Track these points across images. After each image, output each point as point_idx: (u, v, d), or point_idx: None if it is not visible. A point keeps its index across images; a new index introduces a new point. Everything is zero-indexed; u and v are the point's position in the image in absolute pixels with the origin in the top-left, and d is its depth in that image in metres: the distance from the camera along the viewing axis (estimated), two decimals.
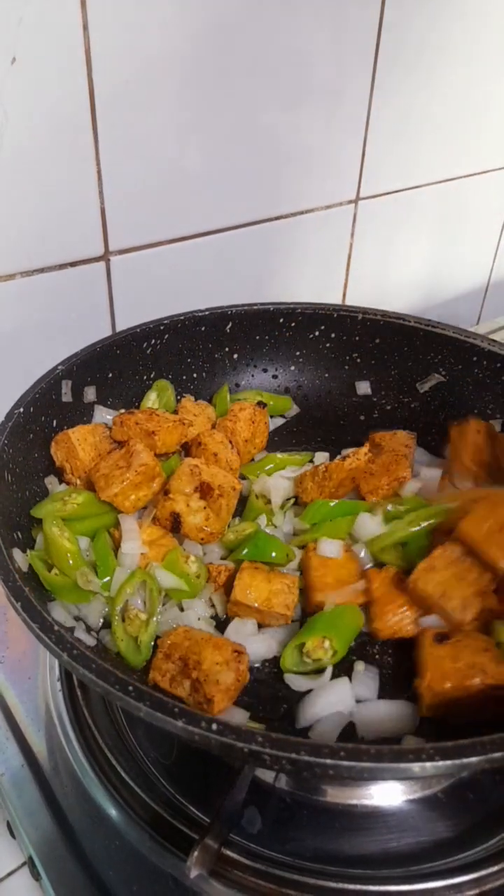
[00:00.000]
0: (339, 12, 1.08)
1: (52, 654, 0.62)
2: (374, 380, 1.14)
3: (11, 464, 0.80)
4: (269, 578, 0.80)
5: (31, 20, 0.83)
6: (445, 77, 1.32)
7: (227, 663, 0.68)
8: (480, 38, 1.32)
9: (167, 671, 0.70)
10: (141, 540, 0.81)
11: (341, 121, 1.19)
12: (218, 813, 0.66)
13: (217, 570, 0.84)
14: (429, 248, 1.56)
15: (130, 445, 0.86)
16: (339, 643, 0.75)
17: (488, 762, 0.51)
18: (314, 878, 0.67)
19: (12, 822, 0.77)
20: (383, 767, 0.51)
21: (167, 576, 0.79)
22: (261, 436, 1.03)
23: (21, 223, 0.93)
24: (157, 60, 0.95)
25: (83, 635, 0.74)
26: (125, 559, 0.80)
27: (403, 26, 1.18)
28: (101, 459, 0.86)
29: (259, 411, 1.03)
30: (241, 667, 0.69)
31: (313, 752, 0.52)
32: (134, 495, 0.82)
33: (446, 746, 0.52)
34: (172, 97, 0.98)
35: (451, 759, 0.51)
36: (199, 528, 0.84)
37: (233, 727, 0.54)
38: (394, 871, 0.68)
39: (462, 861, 0.68)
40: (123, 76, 0.93)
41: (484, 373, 1.06)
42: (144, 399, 1.02)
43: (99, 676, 0.58)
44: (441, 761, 0.51)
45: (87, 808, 0.74)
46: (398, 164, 1.36)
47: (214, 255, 1.15)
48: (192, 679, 0.68)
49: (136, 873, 0.69)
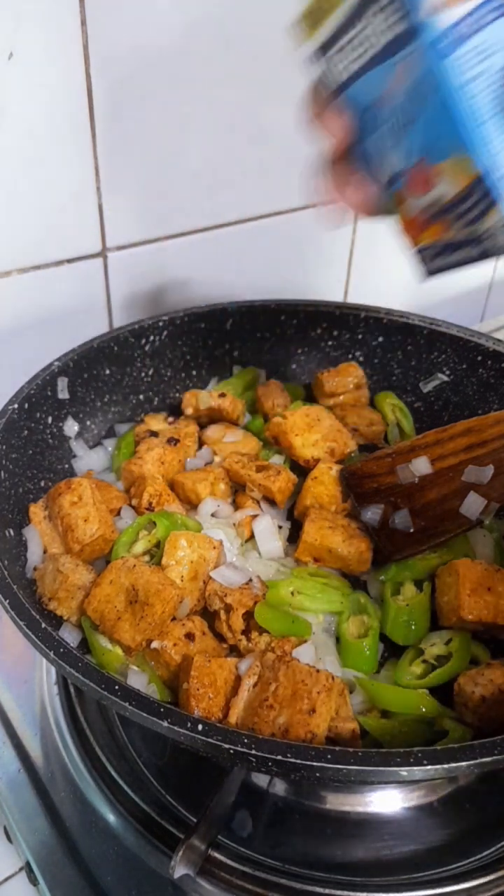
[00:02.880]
0: None
1: (38, 651, 0.61)
2: (376, 379, 1.12)
3: (4, 460, 0.80)
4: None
5: (29, 15, 0.83)
6: None
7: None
8: None
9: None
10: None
11: None
12: (205, 814, 0.65)
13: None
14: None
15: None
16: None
17: (477, 766, 0.50)
18: (303, 883, 0.66)
19: (9, 826, 0.76)
20: (370, 770, 0.51)
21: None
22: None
23: (17, 219, 0.93)
24: (156, 56, 0.94)
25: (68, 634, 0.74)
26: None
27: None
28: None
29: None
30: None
31: (299, 754, 0.51)
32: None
33: (434, 750, 0.51)
34: (170, 93, 0.98)
35: (440, 763, 0.51)
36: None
37: (219, 728, 0.54)
38: (385, 880, 0.67)
39: (454, 871, 0.67)
40: (121, 72, 0.93)
41: (488, 373, 1.04)
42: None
43: (85, 675, 0.58)
44: (429, 765, 0.50)
45: (85, 813, 0.73)
46: None
47: (214, 251, 1.15)
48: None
49: (133, 878, 0.68)
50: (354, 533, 0.85)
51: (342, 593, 0.81)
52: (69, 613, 0.75)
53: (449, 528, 0.82)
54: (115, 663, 0.71)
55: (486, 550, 0.86)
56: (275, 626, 0.74)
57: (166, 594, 0.71)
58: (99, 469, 0.98)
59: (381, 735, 0.68)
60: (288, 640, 0.73)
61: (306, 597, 0.79)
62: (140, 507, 0.86)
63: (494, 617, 0.75)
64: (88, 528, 0.79)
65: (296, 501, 0.92)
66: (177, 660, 0.69)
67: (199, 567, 0.78)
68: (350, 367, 1.09)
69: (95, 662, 0.70)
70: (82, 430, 0.98)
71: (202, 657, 0.66)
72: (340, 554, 0.83)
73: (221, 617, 0.75)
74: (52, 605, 0.75)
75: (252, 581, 0.78)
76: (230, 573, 0.78)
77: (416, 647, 0.77)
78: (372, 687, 0.72)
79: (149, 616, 0.70)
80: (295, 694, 0.61)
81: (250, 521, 0.88)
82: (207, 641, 0.73)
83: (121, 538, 0.81)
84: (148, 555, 0.81)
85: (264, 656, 0.66)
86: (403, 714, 0.70)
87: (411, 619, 0.78)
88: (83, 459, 0.97)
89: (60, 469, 0.94)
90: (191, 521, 0.85)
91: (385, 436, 1.07)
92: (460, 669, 0.73)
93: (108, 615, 0.71)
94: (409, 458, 0.86)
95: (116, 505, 0.88)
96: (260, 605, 0.75)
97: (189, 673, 0.65)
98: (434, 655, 0.76)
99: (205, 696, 0.64)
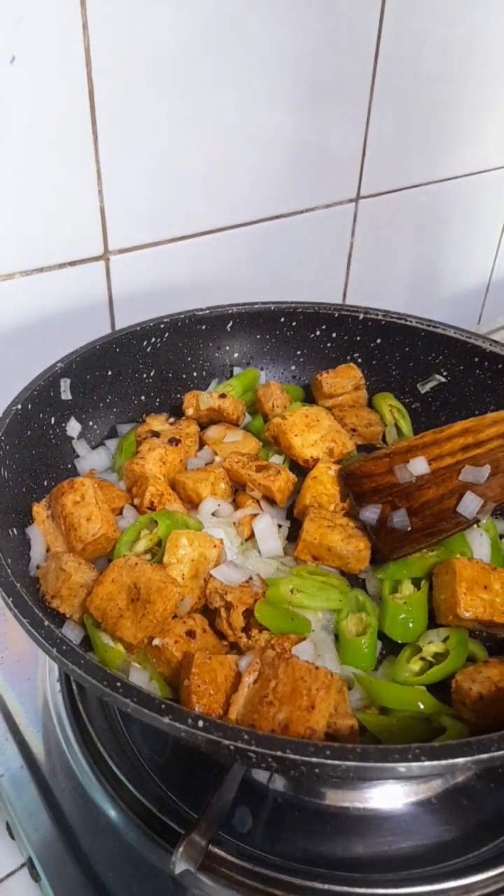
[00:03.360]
0: (340, 10, 1.08)
1: (41, 649, 0.62)
2: (374, 380, 1.13)
3: (8, 460, 0.81)
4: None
5: (31, 19, 0.84)
6: (446, 75, 1.31)
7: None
8: (481, 37, 1.32)
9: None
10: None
11: (341, 119, 1.19)
12: (206, 810, 0.66)
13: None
14: (429, 247, 1.55)
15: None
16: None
17: (475, 763, 0.51)
18: (303, 878, 0.67)
19: (12, 823, 0.77)
20: (369, 767, 0.51)
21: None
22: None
23: (20, 222, 0.94)
24: (157, 59, 0.95)
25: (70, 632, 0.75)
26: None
27: (404, 24, 1.18)
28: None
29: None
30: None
31: (299, 750, 0.52)
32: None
33: (432, 747, 0.51)
34: (172, 96, 0.99)
35: (438, 759, 0.51)
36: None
37: (219, 724, 0.54)
38: (384, 875, 0.67)
39: (452, 867, 0.68)
40: (123, 75, 0.93)
41: (485, 374, 1.05)
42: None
43: (87, 672, 0.58)
44: (427, 761, 0.51)
45: (86, 809, 0.74)
46: (398, 164, 1.35)
47: (215, 254, 1.15)
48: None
49: (134, 873, 0.69)
50: (353, 532, 0.85)
51: (341, 591, 0.81)
52: (71, 611, 0.76)
53: (446, 527, 0.82)
54: (117, 660, 0.71)
55: (482, 549, 0.87)
56: (274, 623, 0.74)
57: (167, 592, 0.71)
58: (101, 469, 0.99)
59: (379, 731, 0.69)
60: (287, 638, 0.74)
61: (305, 595, 0.80)
62: (142, 506, 0.87)
63: (490, 615, 0.76)
64: (91, 526, 0.80)
65: (295, 501, 0.93)
66: (178, 657, 0.70)
67: (200, 565, 0.79)
68: (349, 369, 1.09)
69: (97, 660, 0.70)
70: (85, 430, 0.99)
71: (203, 654, 0.67)
72: (339, 552, 0.83)
73: (222, 614, 0.75)
74: (54, 603, 0.76)
75: (252, 579, 0.79)
76: (230, 571, 0.79)
77: (414, 645, 0.78)
78: (370, 684, 0.72)
79: (150, 614, 0.71)
80: (294, 691, 0.62)
81: (250, 520, 0.89)
82: (208, 639, 0.74)
83: (123, 537, 0.82)
84: (149, 553, 0.82)
85: (264, 653, 0.67)
86: (401, 711, 0.70)
87: (409, 616, 0.79)
88: (85, 459, 0.97)
89: (63, 469, 0.94)
90: (192, 520, 0.86)
91: (383, 436, 1.08)
92: (458, 667, 0.73)
93: (110, 613, 0.72)
94: (407, 459, 0.87)
95: (118, 504, 0.89)
96: (260, 603, 0.75)
97: (190, 670, 0.65)
98: (432, 653, 0.76)
99: (205, 693, 0.65)
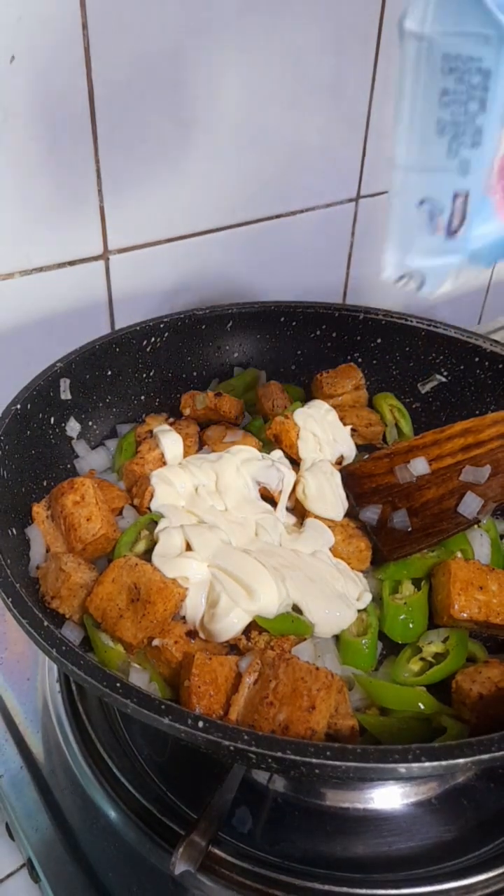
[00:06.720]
0: (339, 6, 1.08)
1: (41, 649, 0.62)
2: (375, 380, 1.13)
3: (7, 460, 0.80)
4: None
5: (31, 18, 0.83)
6: None
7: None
8: None
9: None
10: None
11: (341, 118, 1.18)
12: (205, 810, 0.66)
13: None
14: None
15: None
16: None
17: (475, 764, 0.51)
18: (303, 879, 0.66)
19: (11, 823, 0.77)
20: (369, 767, 0.51)
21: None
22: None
23: (20, 222, 0.94)
24: (157, 59, 0.95)
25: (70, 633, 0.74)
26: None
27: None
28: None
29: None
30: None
31: (299, 750, 0.52)
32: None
33: (432, 747, 0.51)
34: (171, 95, 0.99)
35: (438, 760, 0.51)
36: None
37: (219, 725, 0.54)
38: (384, 876, 0.67)
39: (452, 868, 0.68)
40: (123, 75, 0.93)
41: (486, 374, 1.05)
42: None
43: (87, 673, 0.58)
44: (427, 762, 0.51)
45: (86, 810, 0.74)
46: None
47: (214, 253, 1.15)
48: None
49: (134, 874, 0.68)
50: (353, 532, 0.85)
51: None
52: (71, 612, 0.76)
53: (446, 527, 0.82)
54: (117, 661, 0.71)
55: (482, 549, 0.87)
56: (275, 625, 0.74)
57: (168, 592, 0.71)
58: (101, 469, 0.99)
59: (379, 732, 0.69)
60: (287, 639, 0.74)
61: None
62: (142, 506, 0.87)
63: (486, 615, 0.75)
64: (91, 527, 0.80)
65: (296, 501, 0.93)
66: (178, 657, 0.70)
67: None
68: (349, 368, 1.09)
69: (97, 660, 0.70)
70: (84, 430, 0.99)
71: (203, 655, 0.67)
72: (340, 553, 0.83)
73: None
74: (54, 604, 0.76)
75: None
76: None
77: (414, 645, 0.78)
78: (370, 684, 0.72)
79: (150, 614, 0.71)
80: (295, 691, 0.62)
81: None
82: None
83: (123, 537, 0.82)
84: (149, 553, 0.81)
85: (264, 654, 0.66)
86: (402, 711, 0.70)
87: (409, 617, 0.79)
88: (85, 459, 0.97)
89: (63, 469, 0.94)
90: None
91: (383, 436, 1.08)
92: (458, 667, 0.73)
93: (109, 613, 0.72)
94: (408, 459, 0.87)
95: (118, 504, 0.89)
96: None
97: (190, 670, 0.65)
98: (432, 653, 0.76)
99: (206, 694, 0.65)
